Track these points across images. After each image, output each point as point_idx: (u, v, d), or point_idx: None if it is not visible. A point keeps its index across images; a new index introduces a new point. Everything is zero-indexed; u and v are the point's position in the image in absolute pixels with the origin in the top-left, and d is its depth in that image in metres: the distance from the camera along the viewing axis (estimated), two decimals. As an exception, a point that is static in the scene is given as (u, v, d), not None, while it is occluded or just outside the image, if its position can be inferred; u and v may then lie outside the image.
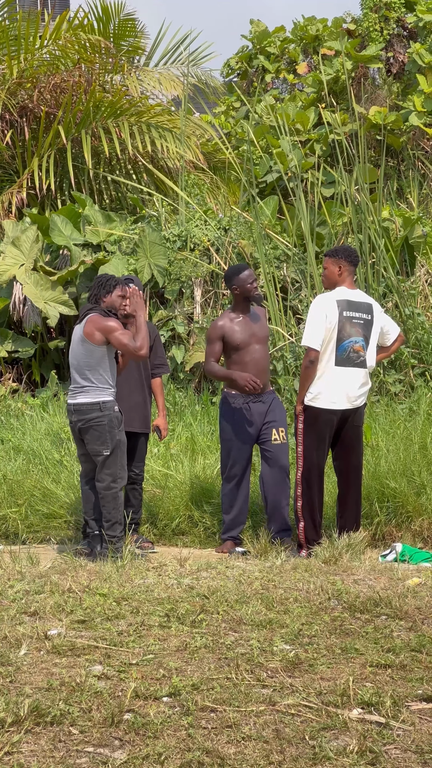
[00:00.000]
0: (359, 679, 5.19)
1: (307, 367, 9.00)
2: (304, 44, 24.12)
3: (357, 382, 9.11)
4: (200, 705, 4.81)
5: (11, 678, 5.10)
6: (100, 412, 9.00)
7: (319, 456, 9.15)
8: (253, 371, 9.64)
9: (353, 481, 9.36)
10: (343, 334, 9.00)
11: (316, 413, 9.07)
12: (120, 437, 9.08)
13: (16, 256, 14.66)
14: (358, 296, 9.20)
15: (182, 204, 15.42)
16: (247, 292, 9.66)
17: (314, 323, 8.99)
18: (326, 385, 9.04)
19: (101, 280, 9.30)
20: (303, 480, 9.15)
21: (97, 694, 4.90)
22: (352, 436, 9.27)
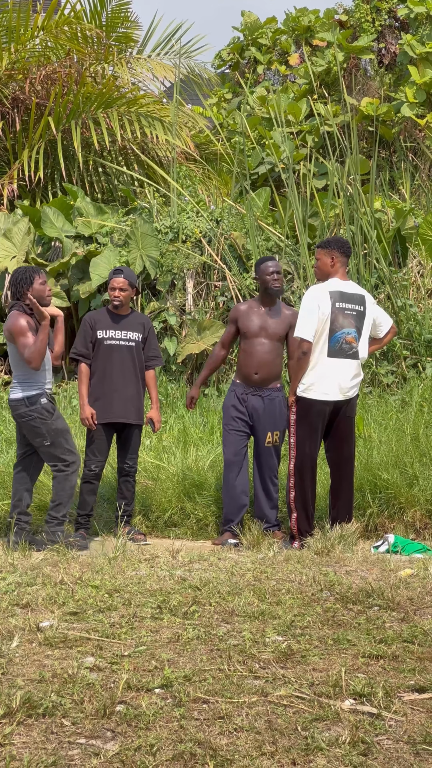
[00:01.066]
0: (351, 670, 5.18)
1: (300, 359, 9.00)
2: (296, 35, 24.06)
3: (349, 373, 9.11)
4: (192, 696, 4.80)
5: (3, 670, 5.09)
6: (26, 407, 9.09)
7: (311, 447, 9.15)
8: (254, 363, 9.68)
9: (345, 472, 9.36)
10: (336, 325, 9.00)
11: (309, 404, 9.07)
12: (57, 425, 9.12)
13: (7, 248, 14.64)
14: (350, 288, 9.20)
15: (174, 195, 15.40)
16: (265, 283, 9.77)
17: (307, 315, 8.99)
18: (319, 376, 9.03)
19: (18, 276, 9.27)
20: (296, 471, 9.15)
21: (89, 686, 4.89)
22: (344, 428, 9.27)
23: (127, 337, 9.85)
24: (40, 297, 9.21)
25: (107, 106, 16.92)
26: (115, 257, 14.21)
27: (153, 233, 14.33)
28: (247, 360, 9.76)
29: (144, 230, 14.29)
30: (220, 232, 14.45)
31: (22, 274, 9.25)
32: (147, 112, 17.30)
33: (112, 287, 9.88)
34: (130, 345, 9.85)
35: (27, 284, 9.20)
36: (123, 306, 9.90)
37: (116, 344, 9.82)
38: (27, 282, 9.20)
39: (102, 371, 9.80)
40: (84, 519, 9.81)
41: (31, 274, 9.24)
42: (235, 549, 8.79)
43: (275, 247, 14.35)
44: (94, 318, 9.95)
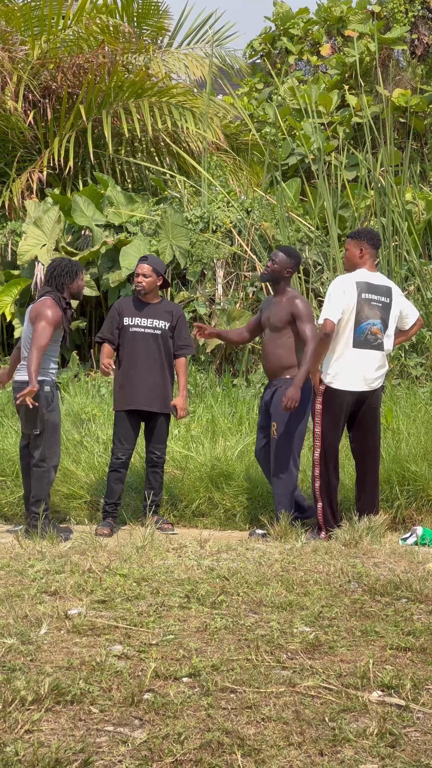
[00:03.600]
0: (379, 661, 5.18)
1: (322, 339, 8.96)
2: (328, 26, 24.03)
3: (374, 364, 9.10)
4: (220, 686, 4.81)
5: (32, 657, 5.11)
6: None
7: (335, 437, 9.15)
8: (263, 354, 9.71)
9: (370, 463, 9.35)
10: (362, 316, 8.99)
11: (333, 394, 9.06)
12: (51, 417, 9.15)
13: (38, 237, 14.66)
14: (377, 279, 9.18)
15: (205, 185, 15.39)
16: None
17: (333, 299, 8.96)
18: (343, 366, 9.03)
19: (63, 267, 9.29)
20: (321, 461, 9.14)
21: (117, 674, 4.90)
22: (369, 419, 9.26)
23: (153, 325, 9.84)
24: (78, 294, 9.31)
25: (138, 96, 16.92)
26: (145, 246, 14.22)
27: (183, 223, 14.32)
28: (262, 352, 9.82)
29: (174, 220, 14.28)
30: (250, 223, 14.44)
31: (68, 267, 9.28)
32: (178, 102, 17.29)
33: (136, 273, 9.91)
34: (155, 333, 9.85)
35: (71, 278, 9.25)
36: (149, 293, 9.90)
37: (141, 332, 9.82)
38: (71, 276, 9.26)
39: (127, 359, 9.82)
40: (111, 507, 9.82)
41: (78, 269, 9.30)
42: (263, 539, 8.79)
43: (305, 238, 14.33)
44: (122, 305, 9.97)
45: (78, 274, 9.32)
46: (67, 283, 9.25)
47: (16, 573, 6.72)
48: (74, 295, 9.36)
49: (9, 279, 15.03)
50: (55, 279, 9.27)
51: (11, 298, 14.72)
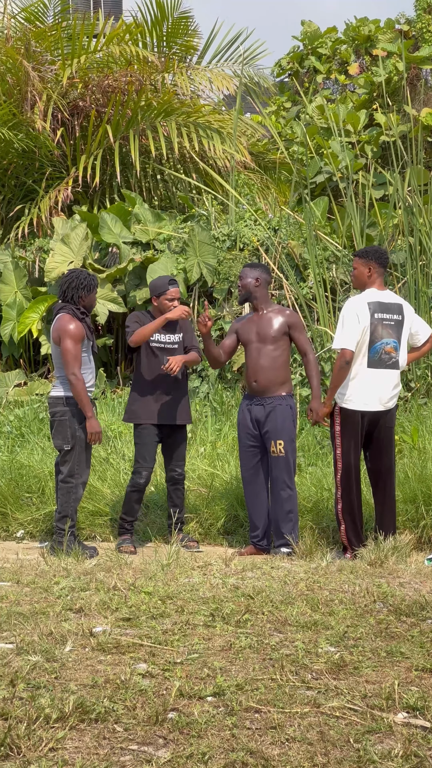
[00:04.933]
0: (404, 682, 5.16)
1: (342, 368, 8.97)
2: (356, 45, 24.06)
3: (390, 383, 9.10)
4: (244, 705, 4.80)
5: (56, 674, 5.11)
6: (63, 406, 9.20)
7: (355, 457, 9.16)
8: (251, 370, 9.66)
9: (387, 482, 9.33)
10: (375, 336, 9.00)
11: (349, 415, 9.06)
12: (82, 435, 9.18)
13: (65, 254, 14.71)
14: (388, 297, 9.19)
15: (232, 203, 15.42)
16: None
17: (347, 325, 8.97)
18: (359, 387, 9.03)
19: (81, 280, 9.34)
20: (342, 482, 9.14)
21: (142, 692, 4.90)
22: (383, 438, 9.25)
23: (171, 340, 9.91)
24: (91, 307, 9.41)
25: (166, 116, 16.98)
26: (173, 264, 14.25)
27: (210, 241, 14.35)
28: (246, 369, 9.78)
29: (201, 238, 14.31)
30: (277, 241, 14.45)
31: (87, 281, 9.33)
32: (206, 122, 17.33)
33: (168, 298, 9.88)
34: (173, 347, 9.91)
35: (87, 291, 9.31)
36: None
37: (161, 347, 9.86)
38: (88, 290, 9.32)
39: (146, 373, 9.84)
40: (129, 525, 9.84)
41: (95, 284, 9.37)
42: (288, 558, 8.77)
43: (332, 257, 14.33)
44: (141, 320, 9.94)
45: (94, 289, 9.39)
46: (83, 296, 9.32)
47: (42, 590, 6.73)
48: (87, 308, 9.41)
49: (36, 295, 15.09)
50: (71, 291, 9.33)
51: (38, 314, 14.76)
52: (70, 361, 9.08)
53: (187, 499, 10.43)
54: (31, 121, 16.26)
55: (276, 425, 9.46)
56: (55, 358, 9.36)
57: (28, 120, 16.28)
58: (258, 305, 9.73)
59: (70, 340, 9.08)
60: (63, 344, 9.10)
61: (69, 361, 9.09)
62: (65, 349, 9.09)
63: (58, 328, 9.19)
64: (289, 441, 9.46)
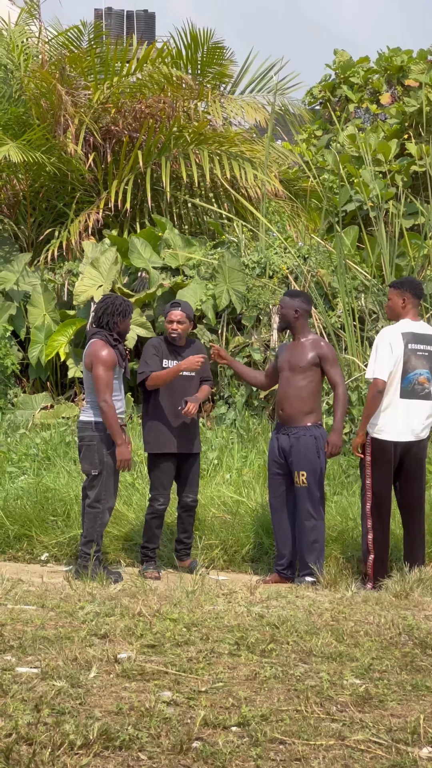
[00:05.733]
0: (430, 717, 5.13)
1: (374, 398, 8.98)
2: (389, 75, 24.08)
3: (422, 414, 9.10)
4: (269, 736, 4.78)
5: (81, 700, 5.11)
6: (92, 431, 9.20)
7: (386, 488, 9.14)
8: (279, 399, 9.73)
9: (417, 514, 9.31)
10: (408, 366, 9.00)
11: (381, 445, 9.06)
12: (110, 460, 9.20)
13: (94, 277, 14.76)
14: (422, 328, 9.20)
15: (262, 230, 15.44)
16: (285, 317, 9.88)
17: (380, 355, 8.99)
18: (391, 417, 9.03)
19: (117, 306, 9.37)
20: (373, 513, 9.12)
21: (166, 721, 4.89)
22: (414, 468, 9.23)
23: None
24: (125, 333, 9.42)
25: (198, 144, 17.04)
26: (202, 290, 14.27)
27: (240, 267, 14.38)
28: (276, 396, 9.83)
29: (231, 264, 14.34)
30: (307, 269, 14.46)
31: (122, 307, 9.35)
32: (238, 152, 17.38)
33: (169, 320, 9.95)
34: (189, 375, 9.91)
35: (122, 317, 9.33)
36: (181, 338, 9.97)
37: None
38: (123, 315, 9.34)
39: (160, 401, 9.86)
40: (152, 552, 9.86)
41: (129, 310, 9.39)
42: (312, 587, 8.74)
43: (361, 286, 14.33)
44: (158, 347, 9.99)
45: (129, 315, 9.42)
46: (118, 322, 9.34)
47: (67, 614, 6.73)
48: (121, 334, 9.43)
49: (64, 319, 15.13)
50: (106, 317, 9.35)
51: (66, 338, 14.80)
52: (102, 389, 9.11)
53: (213, 526, 10.42)
54: (63, 145, 16.34)
55: (300, 456, 9.47)
56: (86, 383, 9.39)
57: (60, 144, 16.36)
58: (295, 334, 9.75)
59: (102, 366, 9.11)
60: (95, 371, 9.12)
61: (101, 389, 9.11)
62: (97, 376, 9.11)
63: (90, 354, 9.21)
64: (311, 472, 9.44)
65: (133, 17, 51.84)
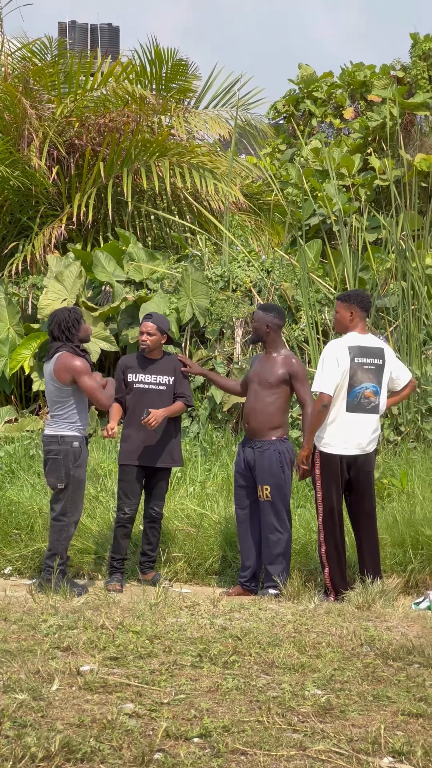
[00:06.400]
0: (391, 727, 5.16)
1: (320, 412, 9.01)
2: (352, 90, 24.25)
3: (369, 428, 9.11)
4: (231, 747, 4.80)
5: (43, 713, 5.11)
6: (57, 445, 9.22)
7: (337, 501, 9.15)
8: (246, 412, 9.78)
9: (367, 526, 9.33)
10: (355, 380, 9.01)
11: (329, 459, 9.07)
12: (76, 473, 9.22)
13: (58, 291, 14.74)
14: (369, 341, 9.21)
15: (226, 244, 15.48)
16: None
17: (326, 368, 8.99)
18: (338, 431, 9.05)
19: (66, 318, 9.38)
20: (324, 526, 9.14)
21: (128, 733, 4.90)
22: (363, 482, 9.25)
23: (157, 381, 9.95)
24: (87, 337, 9.42)
25: (160, 155, 17.06)
26: (165, 303, 14.29)
27: (203, 281, 14.40)
28: (244, 409, 9.89)
29: (195, 278, 14.36)
30: (270, 283, 14.51)
31: (69, 316, 9.36)
32: (199, 163, 17.42)
33: (141, 332, 10.01)
34: (160, 389, 9.95)
35: (77, 325, 9.34)
36: (153, 350, 10.00)
37: (146, 388, 9.92)
38: (77, 323, 9.34)
39: (132, 414, 9.90)
40: (119, 563, 9.87)
41: (78, 315, 9.40)
42: (275, 600, 8.77)
43: (325, 299, 14.39)
44: (126, 362, 10.10)
45: (80, 320, 9.42)
46: (75, 333, 9.35)
47: (29, 627, 6.73)
48: (83, 340, 9.46)
49: (29, 332, 15.11)
50: (63, 332, 9.35)
51: (30, 351, 14.78)
52: (97, 395, 9.17)
53: (176, 539, 10.44)
54: (27, 159, 16.33)
55: (264, 470, 9.50)
56: (51, 396, 9.37)
57: (24, 158, 16.35)
58: (267, 348, 9.76)
59: (84, 375, 9.16)
60: (81, 383, 9.16)
61: (96, 396, 9.16)
62: (85, 386, 9.16)
63: (67, 368, 9.18)
64: (275, 486, 9.46)
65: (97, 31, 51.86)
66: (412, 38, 23.42)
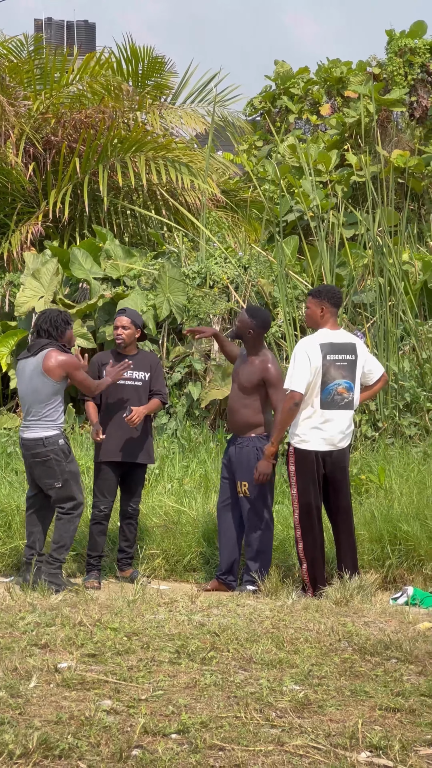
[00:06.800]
0: (368, 722, 5.17)
1: (291, 410, 8.99)
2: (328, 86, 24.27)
3: (343, 424, 9.09)
4: (209, 743, 4.80)
5: (20, 710, 5.10)
6: (43, 447, 9.15)
7: (314, 497, 9.12)
8: (228, 409, 9.88)
9: (343, 522, 9.31)
10: (327, 377, 8.98)
11: (304, 455, 9.06)
12: (70, 468, 9.20)
13: (35, 288, 14.72)
14: (341, 337, 9.17)
15: (203, 240, 15.47)
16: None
17: (297, 366, 8.97)
18: (312, 427, 9.02)
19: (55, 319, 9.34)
20: (300, 522, 9.13)
21: (106, 729, 4.90)
22: (339, 477, 9.22)
23: (133, 377, 9.92)
24: (70, 343, 9.40)
25: (136, 150, 17.05)
26: (143, 300, 14.28)
27: (180, 278, 14.40)
28: (228, 405, 9.96)
29: (172, 274, 14.36)
30: (247, 279, 14.51)
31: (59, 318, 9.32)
32: (175, 157, 17.42)
33: (115, 326, 10.01)
34: (136, 385, 9.94)
35: (64, 328, 9.30)
36: (127, 346, 10.00)
37: (122, 384, 9.88)
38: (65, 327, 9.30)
39: (108, 411, 9.88)
40: (96, 560, 9.86)
41: (68, 318, 9.37)
42: (253, 596, 8.77)
43: (302, 296, 14.40)
44: (101, 358, 10.07)
45: (70, 324, 9.40)
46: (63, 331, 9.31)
47: (7, 625, 6.71)
48: (69, 344, 9.45)
49: (6, 330, 15.08)
50: (52, 330, 9.29)
51: (8, 348, 14.75)
52: (90, 385, 9.27)
53: (154, 536, 10.44)
54: (3, 156, 16.30)
55: (242, 466, 9.53)
56: (32, 397, 9.26)
57: (1, 154, 16.32)
58: (248, 349, 9.75)
59: (78, 370, 9.15)
60: (74, 378, 9.14)
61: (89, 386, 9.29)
62: (78, 380, 9.19)
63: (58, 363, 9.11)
64: (252, 482, 9.49)
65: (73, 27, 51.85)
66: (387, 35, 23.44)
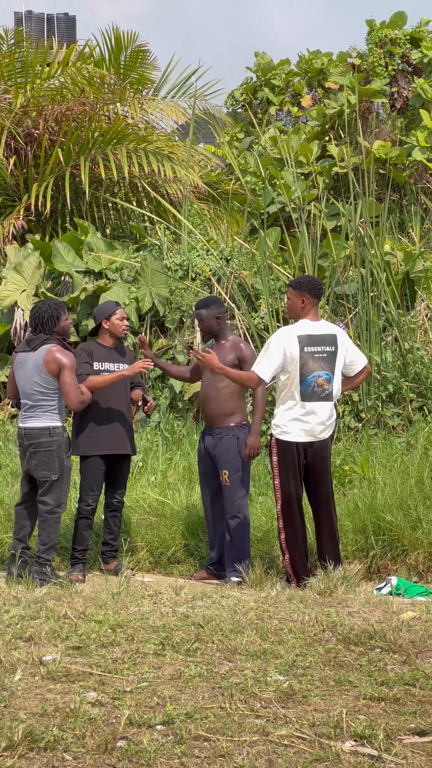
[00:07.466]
0: (352, 711, 5.19)
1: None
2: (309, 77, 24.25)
3: (323, 415, 9.07)
4: (194, 734, 4.81)
5: (5, 703, 5.11)
6: (49, 437, 9.15)
7: (295, 487, 9.12)
8: (201, 400, 9.93)
9: (325, 512, 9.30)
10: (306, 369, 8.95)
11: (285, 446, 9.07)
12: (67, 463, 9.21)
13: (18, 282, 14.71)
14: (321, 328, 9.13)
15: (185, 233, 15.48)
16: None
17: (270, 355, 8.96)
18: (292, 419, 9.03)
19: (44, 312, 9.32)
20: (283, 513, 9.13)
21: (91, 721, 4.90)
22: (320, 468, 9.22)
23: (120, 370, 9.91)
24: (65, 333, 9.36)
25: (117, 142, 17.03)
26: (125, 293, 14.28)
27: (163, 270, 14.40)
28: (200, 398, 10.04)
29: (154, 267, 14.36)
30: (229, 271, 14.52)
31: (48, 311, 9.30)
32: (156, 149, 17.41)
33: (118, 317, 9.97)
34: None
35: (54, 321, 9.28)
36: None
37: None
38: (54, 319, 9.28)
39: (96, 403, 9.86)
40: (81, 554, 9.86)
41: (58, 310, 9.33)
42: (238, 587, 8.79)
43: (284, 287, 14.40)
44: (90, 348, 10.02)
45: (61, 315, 9.38)
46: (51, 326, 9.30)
47: (-9, 618, 6.71)
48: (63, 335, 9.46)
49: (-12, 323, 15.06)
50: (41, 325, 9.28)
51: (-10, 342, 14.75)
52: (73, 393, 9.15)
53: (138, 528, 10.45)
54: (-16, 150, 16.28)
55: (222, 456, 9.57)
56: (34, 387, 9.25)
57: (-18, 149, 16.29)
58: (218, 338, 9.78)
59: (70, 371, 9.13)
60: (64, 377, 9.10)
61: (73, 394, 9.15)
62: (66, 381, 9.14)
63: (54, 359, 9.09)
64: (234, 471, 9.52)
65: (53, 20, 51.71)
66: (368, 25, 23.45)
